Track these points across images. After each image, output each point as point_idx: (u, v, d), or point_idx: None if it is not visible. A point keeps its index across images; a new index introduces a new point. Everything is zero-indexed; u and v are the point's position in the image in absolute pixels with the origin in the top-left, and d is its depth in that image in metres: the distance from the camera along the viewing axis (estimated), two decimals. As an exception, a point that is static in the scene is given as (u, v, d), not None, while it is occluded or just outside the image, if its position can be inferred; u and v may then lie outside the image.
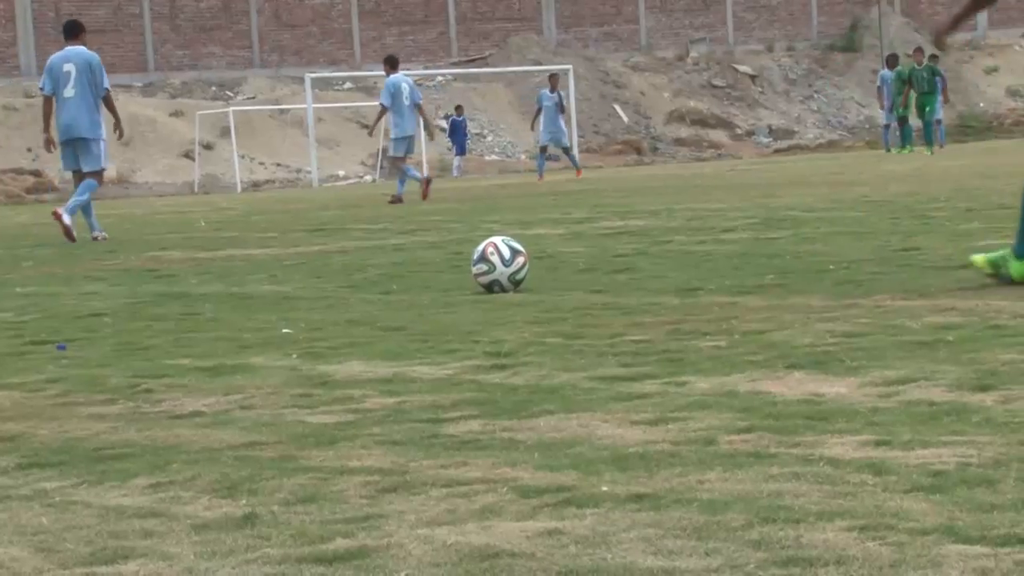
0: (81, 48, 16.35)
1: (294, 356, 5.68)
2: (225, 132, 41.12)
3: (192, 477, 3.62)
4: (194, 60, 47.02)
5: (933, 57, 33.40)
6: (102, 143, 16.31)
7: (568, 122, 31.58)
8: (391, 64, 24.43)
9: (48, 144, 16.64)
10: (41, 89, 16.73)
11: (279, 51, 47.32)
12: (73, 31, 16.64)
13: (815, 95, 51.08)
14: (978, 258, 6.81)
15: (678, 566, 2.63)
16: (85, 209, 16.15)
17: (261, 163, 42.51)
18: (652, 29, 52.20)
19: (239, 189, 39.05)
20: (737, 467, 3.36)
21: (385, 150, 42.79)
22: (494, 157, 44.29)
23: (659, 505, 3.06)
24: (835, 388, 4.30)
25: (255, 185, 40.52)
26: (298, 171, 41.99)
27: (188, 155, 41.93)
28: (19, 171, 40.30)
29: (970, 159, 25.42)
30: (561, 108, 31.37)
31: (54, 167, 41.03)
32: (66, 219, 15.73)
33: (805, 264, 8.14)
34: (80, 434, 4.33)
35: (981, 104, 51.35)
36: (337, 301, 7.78)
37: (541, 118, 31.36)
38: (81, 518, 3.28)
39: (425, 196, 22.46)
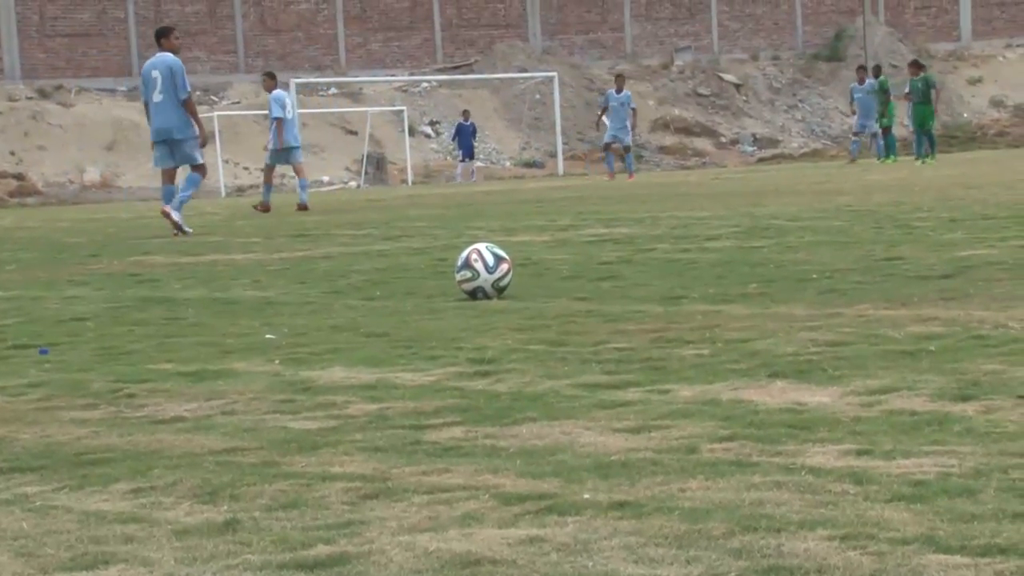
0: (166, 54, 17.30)
1: (277, 362, 5.67)
2: (209, 137, 41.05)
3: (173, 482, 3.61)
4: (179, 65, 46.93)
5: (917, 65, 33.75)
6: (194, 140, 17.34)
7: (631, 125, 32.89)
8: (272, 78, 25.62)
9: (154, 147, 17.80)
10: (142, 95, 17.87)
11: (264, 56, 47.28)
12: (158, 36, 17.67)
13: (800, 104, 51.18)
14: None
15: (659, 574, 2.63)
16: (166, 199, 17.18)
17: (245, 168, 42.47)
18: (637, 37, 52.27)
19: (223, 194, 39.00)
20: (719, 475, 3.36)
21: (370, 156, 42.91)
22: (479, 164, 44.29)
23: (641, 513, 3.06)
24: (817, 397, 4.31)
25: (239, 190, 40.50)
26: (282, 176, 41.94)
27: (172, 159, 41.83)
28: (2, 175, 40.22)
29: (954, 169, 25.47)
30: (632, 110, 32.81)
31: (37, 171, 40.99)
32: (175, 216, 16.76)
33: (788, 273, 8.15)
34: (62, 438, 4.32)
35: (965, 114, 51.49)
36: (320, 307, 7.77)
37: (607, 117, 32.55)
38: (62, 523, 3.27)
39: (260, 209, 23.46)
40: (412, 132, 44.90)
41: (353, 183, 42.24)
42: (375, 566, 2.78)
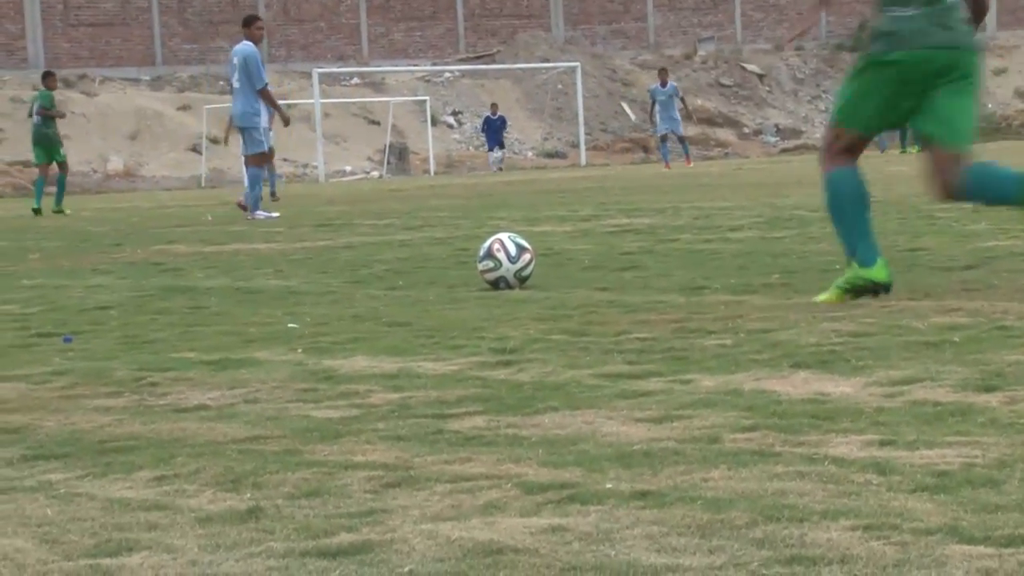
0: (246, 42, 17.86)
1: (299, 351, 5.68)
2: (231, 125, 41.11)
3: (196, 470, 3.62)
4: (202, 54, 47.04)
5: None
6: (261, 130, 17.94)
7: (682, 114, 34.44)
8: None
9: (227, 133, 18.85)
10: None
11: (287, 46, 47.34)
12: (243, 24, 18.33)
13: (823, 95, 51.04)
14: (825, 296, 6.40)
15: (681, 564, 2.63)
16: (252, 186, 17.94)
17: (268, 157, 42.48)
18: (660, 27, 52.19)
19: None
20: (741, 465, 3.35)
21: (392, 146, 42.92)
22: (498, 154, 44.28)
23: (663, 503, 3.06)
24: (840, 388, 4.30)
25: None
26: (305, 166, 42.01)
27: (195, 149, 41.97)
28: (26, 163, 40.32)
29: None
30: (680, 99, 34.37)
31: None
32: (259, 216, 17.31)
33: (811, 264, 8.14)
34: (85, 426, 4.33)
35: (989, 105, 51.29)
36: (342, 296, 7.78)
37: (657, 110, 33.86)
38: (85, 510, 3.28)
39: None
40: (434, 122, 44.91)
41: (375, 173, 42.28)
42: (397, 554, 2.79)
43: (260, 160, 18.18)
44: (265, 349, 5.77)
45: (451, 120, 47.20)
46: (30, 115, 24.63)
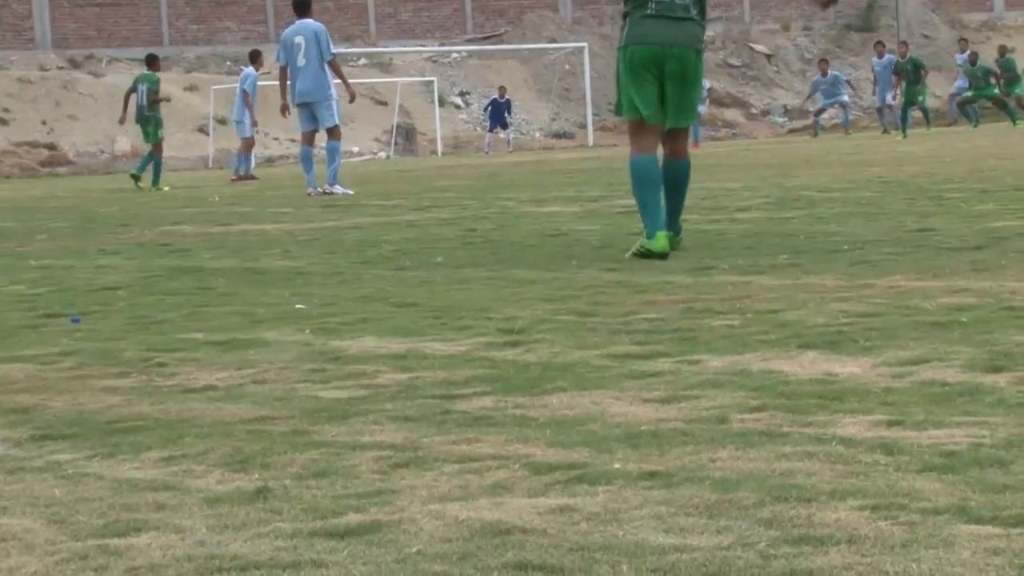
0: (309, 21, 18.36)
1: (307, 331, 5.69)
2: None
3: (204, 451, 3.63)
4: (209, 35, 47.01)
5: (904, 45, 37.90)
6: (333, 103, 18.47)
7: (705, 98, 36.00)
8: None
9: (283, 110, 18.85)
10: (276, 60, 18.85)
11: (294, 26, 47.26)
12: (303, 7, 18.55)
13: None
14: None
15: (689, 543, 2.63)
16: (306, 165, 18.49)
17: (275, 138, 42.51)
18: (668, 7, 52.04)
19: (253, 164, 39.02)
20: (749, 446, 3.35)
21: (400, 127, 42.88)
22: (511, 135, 44.24)
23: (671, 483, 3.06)
24: (848, 368, 4.29)
25: (269, 160, 40.54)
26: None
27: (203, 130, 41.96)
28: (34, 144, 40.36)
29: (985, 140, 25.35)
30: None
31: (68, 141, 41.09)
32: (337, 190, 17.93)
33: (819, 244, 8.13)
34: (93, 407, 4.34)
35: (996, 89, 51.10)
36: (350, 277, 7.78)
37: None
38: (94, 490, 3.29)
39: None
40: (442, 103, 44.87)
41: (383, 154, 42.25)
42: (405, 534, 2.79)
43: (338, 133, 18.74)
44: (273, 330, 5.78)
45: (458, 101, 47.15)
46: (128, 92, 25.58)
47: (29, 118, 41.52)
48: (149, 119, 25.17)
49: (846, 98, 39.32)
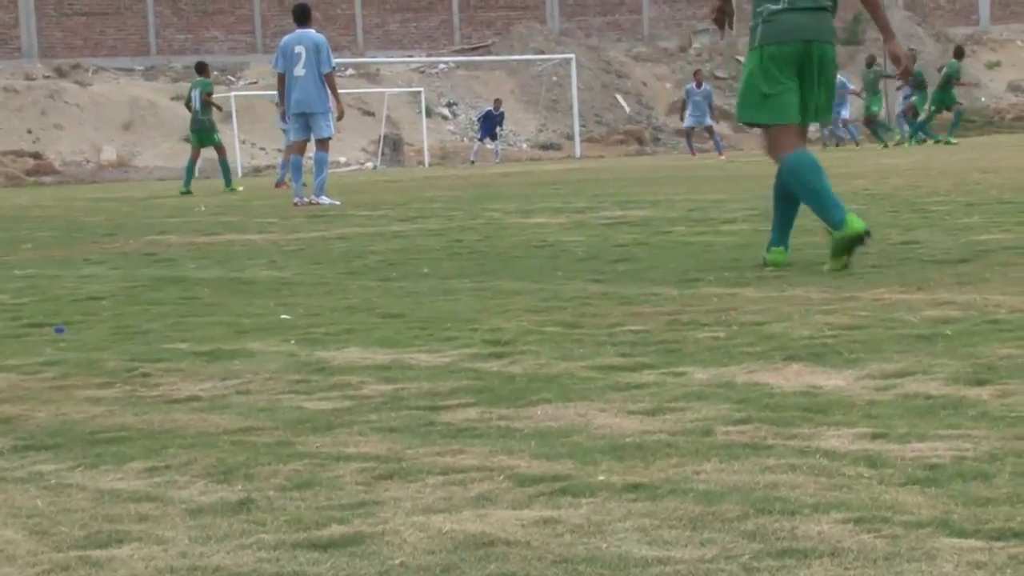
0: (310, 31, 18.45)
1: (292, 342, 5.68)
2: (226, 117, 41.09)
3: (188, 462, 3.62)
4: (196, 44, 46.99)
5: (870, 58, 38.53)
6: (330, 115, 18.42)
7: (693, 112, 36.51)
8: None
9: (283, 116, 18.97)
10: (274, 67, 18.79)
11: (281, 36, 47.29)
12: (303, 16, 18.61)
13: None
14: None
15: (673, 556, 2.63)
16: (295, 175, 18.55)
17: (262, 148, 42.51)
18: (655, 19, 52.17)
19: (240, 174, 39.03)
20: (733, 458, 3.35)
21: (387, 137, 42.89)
22: (500, 147, 44.28)
23: (655, 495, 3.06)
24: (832, 380, 4.30)
25: (256, 170, 40.53)
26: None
27: (189, 139, 41.93)
28: (19, 153, 40.31)
29: (971, 154, 25.40)
30: (710, 103, 36.76)
31: (54, 150, 41.05)
32: (324, 201, 17.90)
33: (804, 256, 8.14)
34: (76, 417, 4.33)
35: (983, 99, 51.34)
36: (336, 287, 7.78)
37: (689, 108, 36.23)
38: (76, 501, 3.28)
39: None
40: (429, 113, 44.90)
41: (370, 164, 42.25)
42: (389, 546, 2.79)
43: (328, 146, 18.77)
44: (258, 340, 5.77)
45: (446, 111, 47.19)
46: (188, 103, 26.53)
47: (15, 127, 41.47)
48: (204, 123, 25.89)
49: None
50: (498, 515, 2.97)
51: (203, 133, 25.98)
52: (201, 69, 26.90)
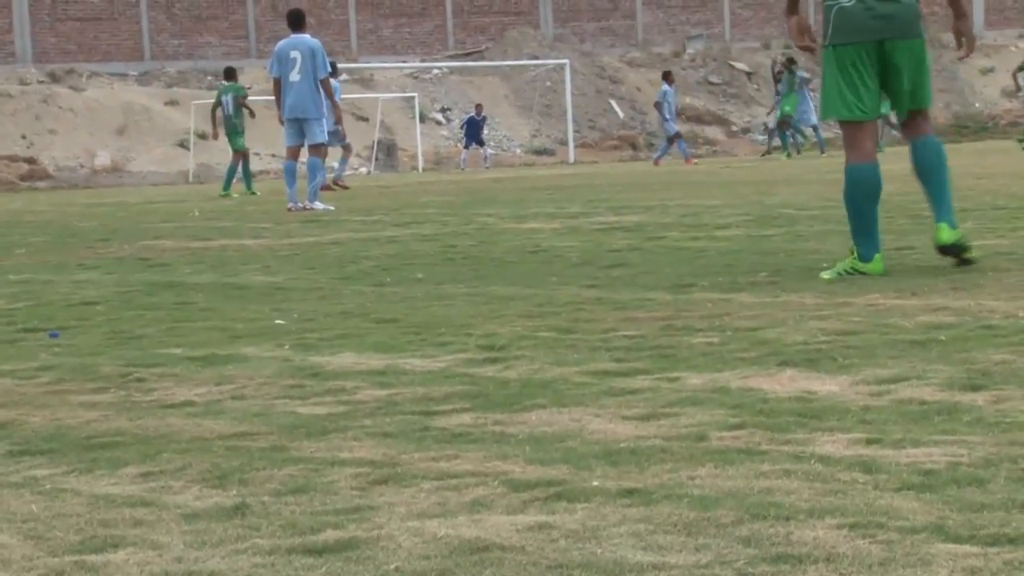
0: (305, 36, 18.37)
1: (286, 347, 5.68)
2: (218, 122, 41.05)
3: (183, 467, 3.62)
4: (190, 49, 46.99)
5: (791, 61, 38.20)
6: (324, 120, 18.41)
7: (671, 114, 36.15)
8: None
9: (281, 120, 18.82)
10: (269, 72, 18.79)
11: (275, 41, 47.18)
12: (297, 22, 18.56)
13: (810, 93, 51.07)
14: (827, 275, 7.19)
15: (668, 561, 2.63)
16: (288, 180, 18.35)
17: (256, 153, 42.44)
18: (649, 25, 52.20)
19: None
20: (728, 463, 3.36)
21: (381, 142, 42.90)
22: (489, 151, 44.28)
23: (650, 500, 3.06)
24: (827, 386, 4.30)
25: (251, 175, 40.45)
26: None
27: (183, 144, 41.91)
28: (13, 158, 40.26)
29: (964, 159, 25.42)
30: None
31: (48, 155, 41.01)
32: (317, 206, 17.96)
33: (798, 262, 8.15)
34: (71, 422, 4.32)
35: (976, 104, 51.39)
36: (330, 292, 7.77)
37: (667, 109, 35.34)
38: (71, 506, 3.27)
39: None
40: (423, 119, 44.90)
41: (363, 169, 42.24)
42: (384, 551, 2.79)
43: (324, 152, 18.80)
44: (252, 345, 5.77)
45: (439, 117, 47.19)
46: (215, 108, 26.91)
47: (9, 132, 41.44)
48: (236, 126, 26.42)
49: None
50: (493, 520, 2.97)
51: (234, 138, 26.54)
52: (230, 75, 27.32)
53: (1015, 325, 5.31)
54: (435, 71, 48.30)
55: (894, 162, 27.08)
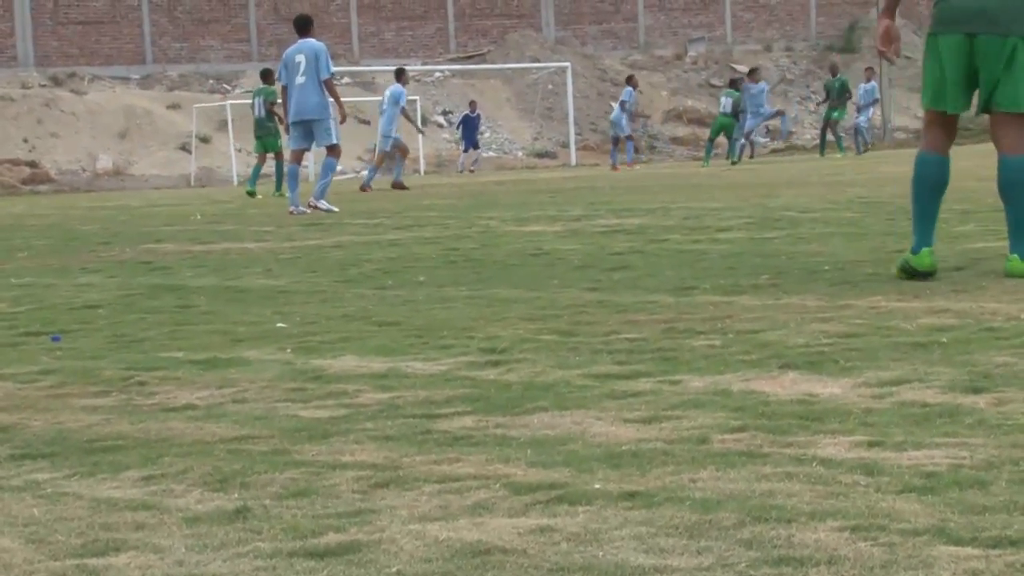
0: (311, 40, 18.45)
1: (288, 350, 5.68)
2: (222, 125, 41.13)
3: (184, 470, 3.62)
4: (192, 53, 47.00)
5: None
6: (330, 121, 18.25)
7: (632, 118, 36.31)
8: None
9: (287, 128, 18.88)
10: (278, 79, 18.93)
11: (277, 45, 47.24)
12: (303, 26, 18.69)
13: (812, 95, 51.11)
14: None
15: (669, 564, 2.63)
16: (291, 183, 18.38)
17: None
18: (650, 28, 52.21)
19: (235, 182, 39.03)
20: (730, 466, 3.36)
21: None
22: (491, 154, 44.28)
23: (651, 503, 3.06)
24: (829, 388, 4.30)
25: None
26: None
27: (185, 148, 41.94)
28: (15, 162, 40.29)
29: (966, 161, 25.41)
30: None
31: (50, 159, 41.03)
32: (322, 205, 17.98)
33: (800, 264, 8.14)
34: (73, 426, 4.32)
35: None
36: (332, 295, 7.77)
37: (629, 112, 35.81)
38: (72, 510, 3.27)
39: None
40: (424, 122, 44.90)
41: (364, 172, 42.24)
42: (385, 555, 2.79)
43: (339, 152, 18.64)
44: (254, 348, 5.77)
45: (441, 120, 47.20)
46: (253, 110, 27.49)
47: (11, 136, 41.46)
48: (268, 129, 26.81)
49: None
50: (495, 523, 2.97)
51: (267, 139, 26.97)
52: (266, 76, 27.56)
53: (1017, 327, 5.30)
54: (437, 74, 48.32)
55: (896, 164, 27.05)
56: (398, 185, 27.16)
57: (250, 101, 28.17)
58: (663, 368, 4.80)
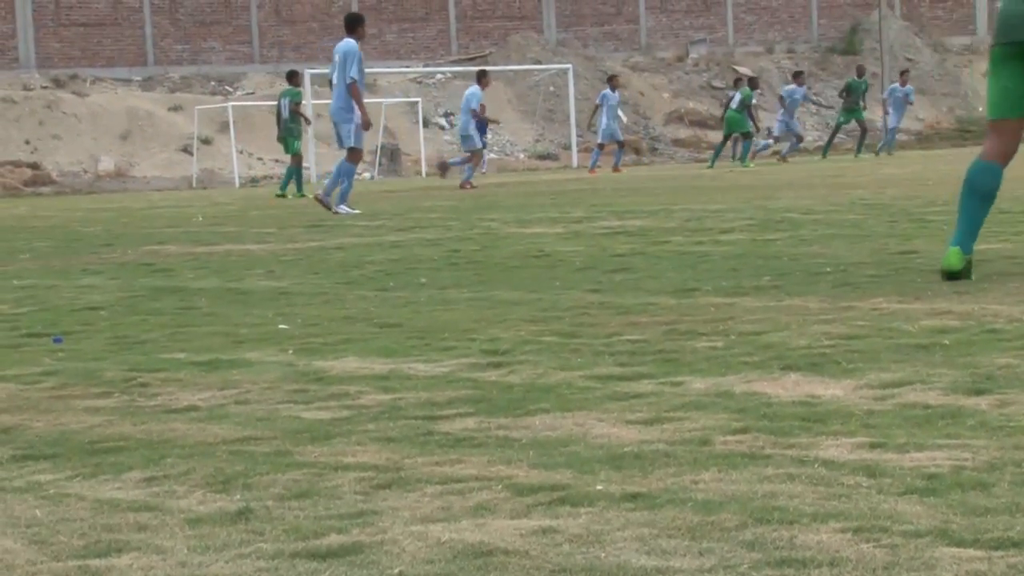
0: (349, 40, 18.36)
1: (290, 352, 5.68)
2: (224, 127, 41.14)
3: (186, 471, 3.62)
4: (194, 55, 47.01)
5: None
6: (351, 125, 18.25)
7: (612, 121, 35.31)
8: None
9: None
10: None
11: (279, 46, 47.30)
12: (348, 25, 18.70)
13: (814, 97, 51.10)
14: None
15: (672, 566, 2.63)
16: (335, 176, 18.34)
17: (259, 158, 42.50)
18: (652, 29, 52.21)
19: (237, 184, 39.05)
20: (732, 468, 3.36)
21: (384, 147, 42.91)
22: (492, 155, 44.28)
23: (653, 505, 3.06)
24: (831, 390, 4.30)
25: (253, 180, 40.52)
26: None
27: (186, 150, 41.93)
28: (17, 163, 40.30)
29: (968, 163, 25.45)
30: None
31: (51, 160, 41.04)
32: (342, 210, 17.83)
33: (802, 266, 8.15)
34: (75, 427, 4.33)
35: (980, 108, 51.33)
36: (334, 297, 7.78)
37: (606, 116, 34.72)
38: (75, 511, 3.28)
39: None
40: (426, 123, 44.91)
41: (367, 174, 42.24)
42: (387, 556, 2.79)
43: (355, 156, 18.55)
44: (256, 350, 5.77)
45: (443, 121, 47.20)
46: (278, 111, 27.58)
47: (12, 137, 41.47)
48: (292, 130, 26.88)
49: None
50: (497, 524, 2.97)
51: (288, 140, 27.01)
52: (291, 77, 27.79)
53: (1019, 329, 5.30)
54: (438, 76, 48.32)
55: (898, 167, 27.07)
56: (469, 185, 27.13)
57: (275, 103, 28.24)
58: (665, 370, 4.80)
